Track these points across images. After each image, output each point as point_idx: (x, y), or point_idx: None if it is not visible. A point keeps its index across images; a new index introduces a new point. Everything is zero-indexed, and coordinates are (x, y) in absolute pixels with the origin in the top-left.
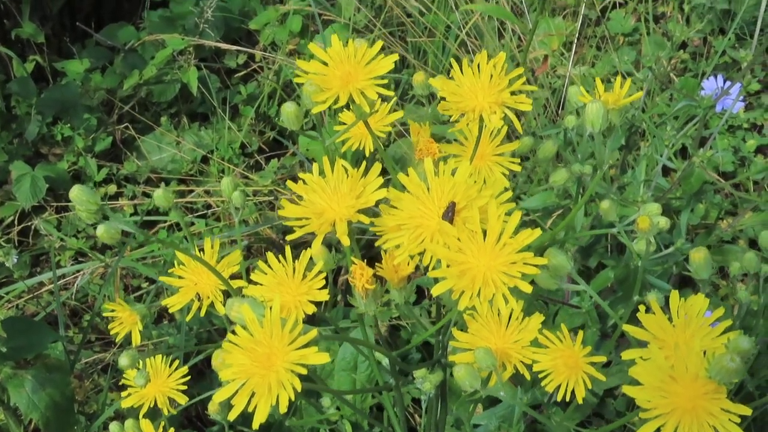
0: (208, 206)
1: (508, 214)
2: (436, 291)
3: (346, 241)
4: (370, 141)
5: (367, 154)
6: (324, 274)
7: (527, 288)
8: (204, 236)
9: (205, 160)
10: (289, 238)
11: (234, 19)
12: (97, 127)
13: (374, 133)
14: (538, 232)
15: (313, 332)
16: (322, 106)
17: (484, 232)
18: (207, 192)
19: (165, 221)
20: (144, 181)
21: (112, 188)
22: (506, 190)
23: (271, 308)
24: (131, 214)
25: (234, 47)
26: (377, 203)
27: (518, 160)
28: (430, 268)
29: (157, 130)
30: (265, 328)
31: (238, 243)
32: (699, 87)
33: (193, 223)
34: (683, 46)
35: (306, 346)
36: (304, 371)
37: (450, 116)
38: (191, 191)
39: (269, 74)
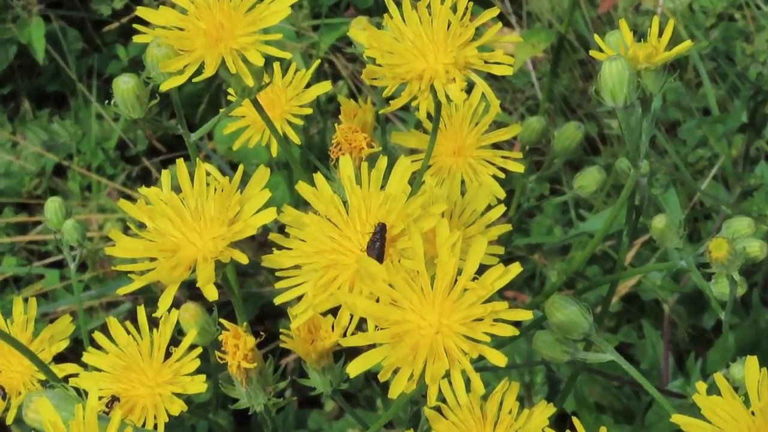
0: (70, 247)
1: (508, 246)
2: (351, 370)
3: (211, 294)
4: (287, 132)
5: (273, 154)
6: (199, 350)
7: (498, 359)
8: (59, 296)
9: (60, 170)
10: (120, 291)
11: None
12: None
13: (271, 120)
14: (514, 269)
15: None
16: (177, 79)
17: (432, 276)
18: None
19: None
20: None
21: None
22: (498, 203)
23: (84, 406)
24: None
25: None
26: (265, 231)
27: (520, 155)
28: (348, 332)
29: None
30: None
31: (78, 306)
32: None
33: (41, 276)
34: None
35: None
36: None
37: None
38: (37, 223)
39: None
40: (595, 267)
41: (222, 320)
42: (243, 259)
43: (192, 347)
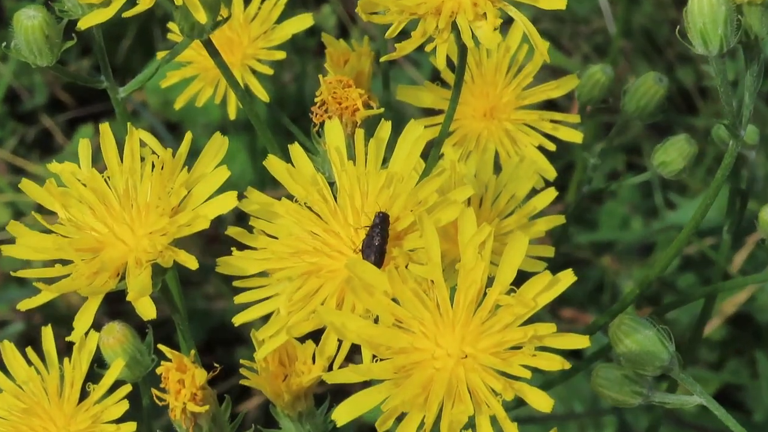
0: None
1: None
2: (339, 417)
3: (147, 311)
4: (251, 84)
5: (231, 115)
6: (128, 389)
7: (542, 402)
8: None
9: None
10: (22, 306)
11: None
12: None
13: (228, 68)
14: (567, 278)
15: None
16: (101, 13)
17: (453, 288)
18: None
19: None
20: None
21: None
22: (547, 186)
23: None
24: None
25: None
26: (219, 223)
27: (578, 118)
28: (335, 364)
29: None
30: None
31: None
32: None
33: None
34: None
35: None
36: None
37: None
38: None
39: None
40: (690, 275)
41: (161, 346)
42: (191, 262)
43: (118, 384)
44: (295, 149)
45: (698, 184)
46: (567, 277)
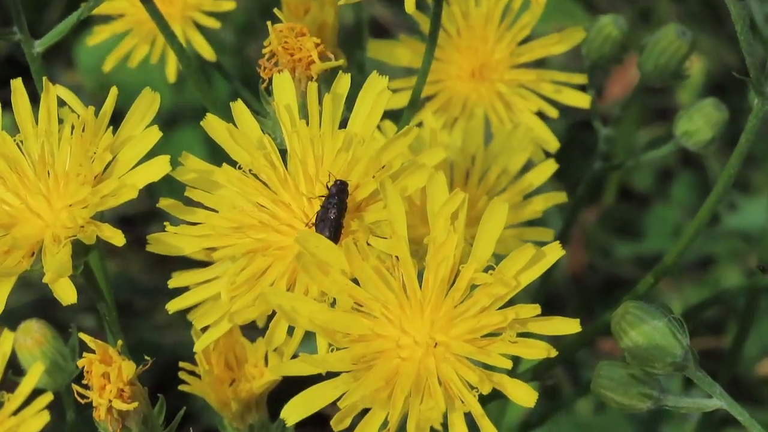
0: None
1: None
2: (288, 415)
3: (67, 295)
4: (193, 39)
5: (170, 77)
6: (49, 398)
7: (524, 395)
8: None
9: None
10: None
11: None
12: None
13: (163, 19)
14: (554, 251)
15: None
16: None
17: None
18: None
19: None
20: None
21: None
22: (547, 158)
23: None
24: None
25: None
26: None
27: (584, 78)
28: (286, 356)
29: None
30: None
31: None
32: None
33: None
34: None
35: None
36: None
37: None
38: None
39: None
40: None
41: (82, 335)
42: (117, 237)
43: (37, 392)
44: (238, 106)
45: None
46: (554, 251)
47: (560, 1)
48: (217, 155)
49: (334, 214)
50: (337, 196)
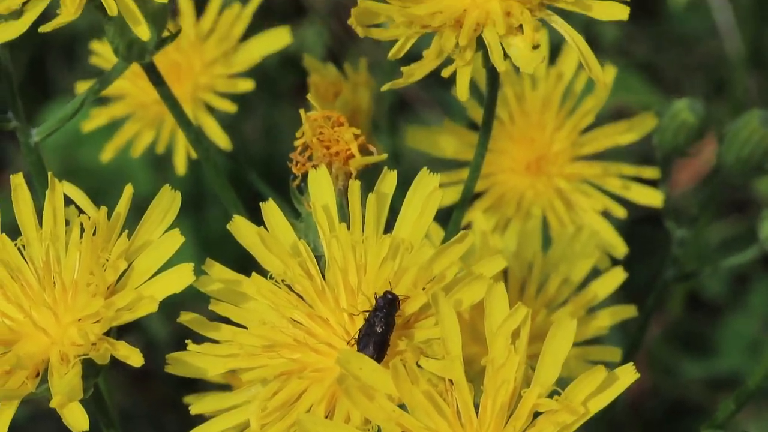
0: None
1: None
2: None
3: (79, 423)
4: (205, 124)
5: (180, 169)
6: None
7: None
8: None
9: None
10: None
11: None
12: None
13: (178, 104)
14: (627, 374)
15: None
16: (12, 26)
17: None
18: None
19: None
20: None
21: None
22: (615, 265)
23: None
24: None
25: None
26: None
27: (657, 172)
28: None
29: None
30: None
31: None
32: None
33: None
34: None
35: None
36: None
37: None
38: None
39: None
40: None
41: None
42: (135, 357)
43: None
44: (269, 208)
45: None
46: (627, 375)
47: (621, 74)
48: (211, 252)
49: (381, 328)
50: (385, 310)
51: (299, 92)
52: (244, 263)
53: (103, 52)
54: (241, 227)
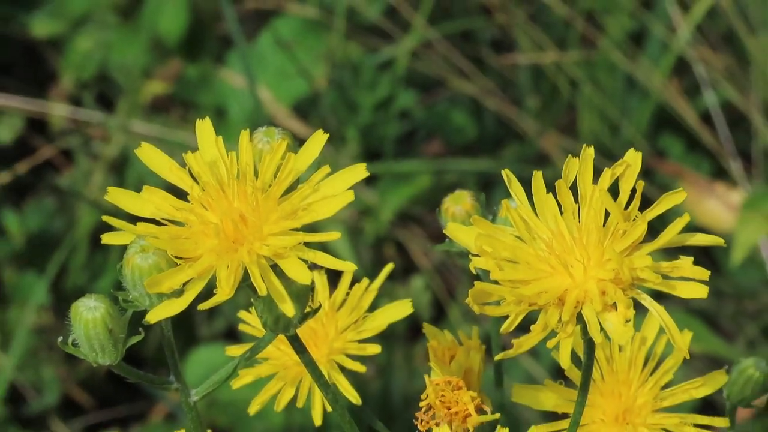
0: None
1: None
2: None
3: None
4: (339, 383)
5: (317, 421)
6: None
7: None
8: None
9: None
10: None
11: None
12: None
13: (318, 368)
14: None
15: None
16: (172, 304)
17: None
18: None
19: None
20: None
21: None
22: None
23: None
24: None
25: None
26: None
27: (726, 422)
28: None
29: None
30: None
31: None
32: None
33: None
34: None
35: None
36: None
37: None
38: None
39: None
40: None
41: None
42: None
43: None
44: None
45: None
46: None
47: (684, 320)
48: None
49: None
50: None
51: (412, 334)
52: None
53: (249, 321)
54: None
